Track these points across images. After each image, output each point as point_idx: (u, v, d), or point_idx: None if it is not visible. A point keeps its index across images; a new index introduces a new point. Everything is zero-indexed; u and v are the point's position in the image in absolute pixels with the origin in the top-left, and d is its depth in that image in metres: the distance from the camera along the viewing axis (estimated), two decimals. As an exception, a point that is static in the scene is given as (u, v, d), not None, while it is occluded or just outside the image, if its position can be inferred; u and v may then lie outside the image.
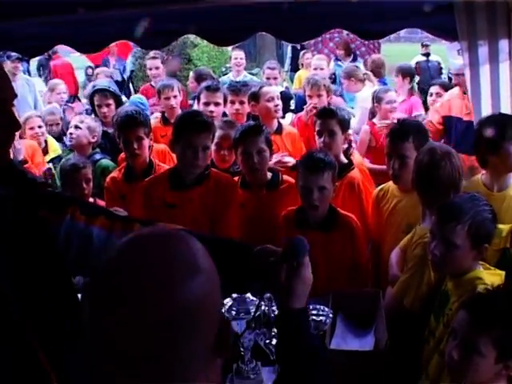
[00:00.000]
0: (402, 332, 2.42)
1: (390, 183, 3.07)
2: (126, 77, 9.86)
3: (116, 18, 3.08)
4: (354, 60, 8.35)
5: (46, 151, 4.73)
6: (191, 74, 6.06)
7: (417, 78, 8.14)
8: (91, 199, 3.57)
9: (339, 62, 8.23)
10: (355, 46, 8.97)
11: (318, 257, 2.84)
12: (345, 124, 3.42)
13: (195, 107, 4.35)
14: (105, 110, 4.43)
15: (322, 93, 4.53)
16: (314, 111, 4.06)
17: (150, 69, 5.99)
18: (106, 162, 3.99)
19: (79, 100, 8.61)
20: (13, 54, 6.69)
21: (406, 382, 2.22)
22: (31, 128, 4.70)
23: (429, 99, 5.53)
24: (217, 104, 4.04)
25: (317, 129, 3.43)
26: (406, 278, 2.49)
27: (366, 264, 2.98)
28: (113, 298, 0.81)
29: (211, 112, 3.90)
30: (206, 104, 4.02)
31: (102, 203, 3.58)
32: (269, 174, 3.26)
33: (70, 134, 4.08)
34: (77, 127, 4.03)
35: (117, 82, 9.52)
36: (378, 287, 2.72)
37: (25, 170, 1.45)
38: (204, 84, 4.31)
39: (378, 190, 3.16)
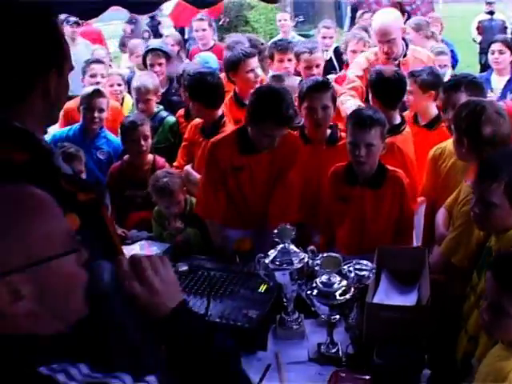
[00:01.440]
0: (446, 288, 2.43)
1: (448, 142, 3.01)
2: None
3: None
4: (408, 20, 8.09)
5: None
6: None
7: (479, 38, 7.85)
8: (150, 155, 3.70)
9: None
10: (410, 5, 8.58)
11: (367, 213, 2.87)
12: None
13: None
14: (157, 69, 4.55)
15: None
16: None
17: (197, 31, 6.02)
18: (173, 118, 4.10)
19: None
20: (71, 19, 6.88)
21: (445, 338, 2.23)
22: (111, 85, 4.81)
23: (490, 57, 5.32)
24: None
25: None
26: (455, 236, 2.47)
27: (412, 222, 2.97)
28: None
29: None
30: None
31: (161, 160, 3.73)
32: (328, 131, 3.28)
33: None
34: None
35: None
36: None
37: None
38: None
39: (435, 149, 3.11)
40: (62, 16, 4.38)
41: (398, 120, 3.37)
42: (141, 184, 3.55)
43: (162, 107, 4.19)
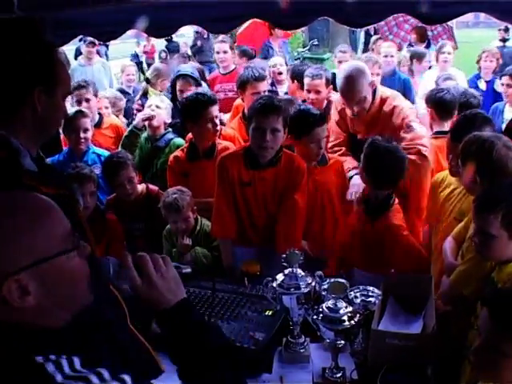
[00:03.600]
0: (452, 317, 2.45)
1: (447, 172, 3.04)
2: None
3: (186, 4, 3.22)
4: (428, 46, 8.08)
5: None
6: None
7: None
8: (142, 186, 3.73)
9: (412, 48, 7.99)
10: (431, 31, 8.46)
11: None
12: None
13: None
14: (186, 94, 4.58)
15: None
16: None
17: (218, 52, 5.95)
18: (179, 140, 4.15)
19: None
20: (88, 38, 6.98)
21: (450, 366, 2.24)
22: (106, 107, 4.98)
23: (502, 88, 5.35)
24: None
25: None
26: (466, 268, 2.45)
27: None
28: None
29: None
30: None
31: (155, 189, 3.78)
32: None
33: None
34: (158, 107, 4.19)
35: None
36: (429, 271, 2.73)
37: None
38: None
39: (437, 176, 3.15)
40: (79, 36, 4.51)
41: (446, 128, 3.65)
42: (136, 216, 3.64)
43: (170, 129, 4.25)
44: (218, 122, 3.63)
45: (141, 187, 3.72)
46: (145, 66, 14.22)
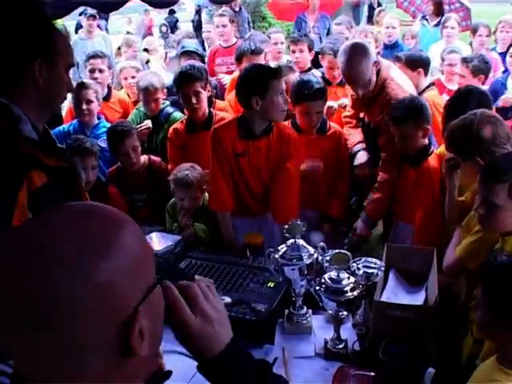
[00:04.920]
0: (454, 290, 2.45)
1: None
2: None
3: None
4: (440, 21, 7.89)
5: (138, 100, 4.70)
6: None
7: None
8: (144, 157, 3.70)
9: (425, 22, 7.81)
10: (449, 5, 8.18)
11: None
12: None
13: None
14: None
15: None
16: None
17: (217, 26, 5.87)
18: (179, 114, 4.11)
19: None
20: (89, 11, 6.89)
21: (452, 338, 2.25)
22: (125, 78, 4.87)
23: (508, 60, 5.29)
24: None
25: None
26: (474, 241, 2.39)
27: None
28: None
29: None
30: None
31: (157, 160, 3.76)
32: None
33: None
34: (153, 86, 4.07)
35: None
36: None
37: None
38: None
39: (439, 150, 3.13)
40: (80, 9, 4.44)
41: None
42: (139, 188, 3.62)
43: (167, 102, 4.19)
44: (204, 96, 3.58)
45: (143, 158, 3.69)
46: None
